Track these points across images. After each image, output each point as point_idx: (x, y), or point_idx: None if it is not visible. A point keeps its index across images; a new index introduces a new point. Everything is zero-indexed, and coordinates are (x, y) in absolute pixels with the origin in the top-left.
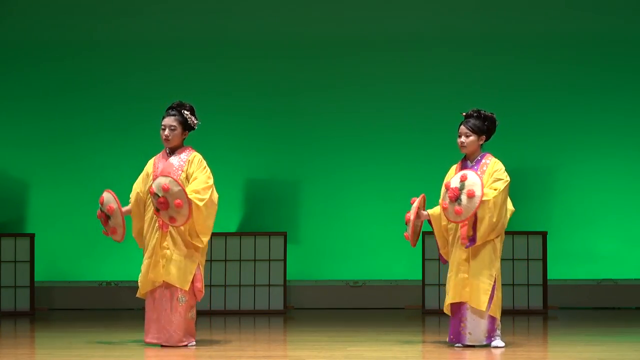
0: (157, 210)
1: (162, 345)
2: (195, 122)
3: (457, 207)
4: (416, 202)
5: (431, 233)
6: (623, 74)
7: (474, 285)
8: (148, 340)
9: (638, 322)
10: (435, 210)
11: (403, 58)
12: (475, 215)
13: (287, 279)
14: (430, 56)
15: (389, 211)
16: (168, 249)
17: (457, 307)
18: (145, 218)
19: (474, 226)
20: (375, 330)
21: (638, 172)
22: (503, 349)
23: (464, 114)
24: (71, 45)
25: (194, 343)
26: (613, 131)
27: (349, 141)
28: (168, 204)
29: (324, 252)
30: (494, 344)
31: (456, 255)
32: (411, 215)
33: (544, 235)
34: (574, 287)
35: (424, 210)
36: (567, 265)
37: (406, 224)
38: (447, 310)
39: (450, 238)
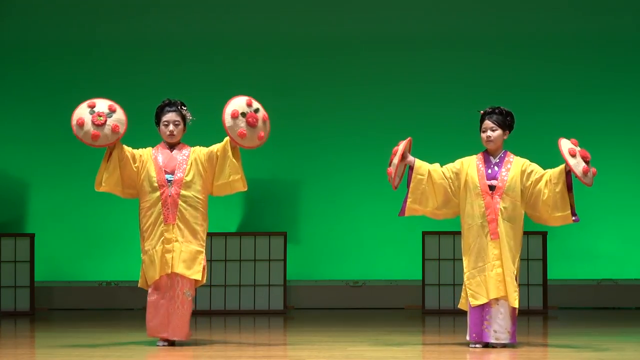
0: (245, 130)
1: (169, 341)
2: (190, 117)
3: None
4: (402, 145)
5: (431, 233)
6: (623, 73)
7: (507, 282)
8: (153, 335)
9: (638, 322)
10: (423, 165)
11: (404, 58)
12: (571, 191)
13: (287, 279)
14: (432, 56)
15: (389, 211)
16: (176, 240)
17: (482, 304)
18: (144, 206)
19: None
20: (375, 330)
21: (638, 172)
22: (503, 349)
23: (482, 111)
24: (71, 45)
25: (167, 344)
26: (613, 131)
27: (349, 141)
28: (257, 120)
29: (324, 252)
30: (512, 342)
31: (487, 251)
32: (395, 159)
33: (544, 235)
34: (574, 287)
35: (409, 153)
36: (567, 265)
37: (391, 161)
38: (464, 306)
39: (476, 230)
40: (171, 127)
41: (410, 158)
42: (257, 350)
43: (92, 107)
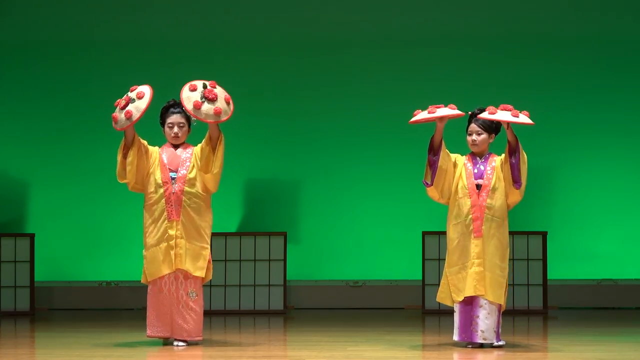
0: (200, 101)
1: (174, 340)
2: (194, 120)
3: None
4: (452, 113)
5: (431, 233)
6: (624, 74)
7: (490, 278)
8: (153, 334)
9: (638, 322)
10: (448, 158)
11: (404, 57)
12: (518, 161)
13: (287, 279)
14: (432, 56)
15: (389, 211)
16: (181, 237)
17: (469, 303)
18: (148, 203)
19: (516, 171)
20: (375, 330)
21: (638, 172)
22: (504, 349)
23: (471, 112)
24: (71, 45)
25: (185, 345)
26: (613, 131)
27: (349, 141)
28: (217, 97)
29: (324, 252)
30: (499, 343)
31: (469, 249)
32: (440, 113)
33: (544, 235)
34: (574, 287)
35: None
36: (567, 265)
37: (430, 111)
38: (450, 303)
39: (460, 228)
40: (176, 129)
41: (441, 135)
42: (257, 350)
43: (131, 90)
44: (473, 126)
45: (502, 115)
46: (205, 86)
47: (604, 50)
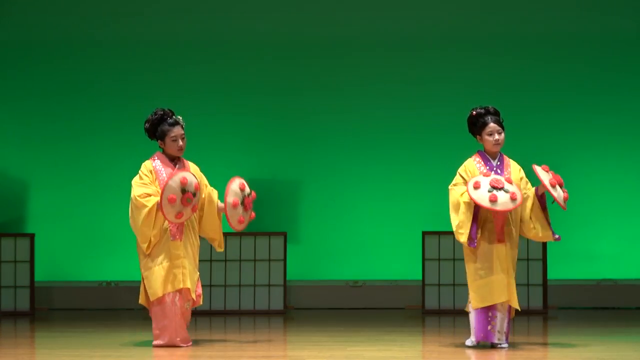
0: (240, 204)
1: (175, 347)
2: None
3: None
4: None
5: (431, 233)
6: (624, 73)
7: (511, 284)
8: (160, 343)
9: (638, 322)
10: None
11: (403, 58)
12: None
13: (287, 279)
14: (431, 56)
15: (389, 211)
16: (185, 257)
17: (488, 305)
18: (156, 224)
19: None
20: (375, 330)
21: (638, 172)
22: (504, 349)
23: (476, 112)
24: (71, 45)
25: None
26: (613, 131)
27: (350, 141)
28: (250, 208)
29: (324, 252)
30: (502, 345)
31: (492, 255)
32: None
33: None
34: (574, 287)
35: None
36: (567, 265)
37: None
38: (471, 308)
39: (482, 234)
40: (180, 142)
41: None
42: (257, 350)
43: (184, 184)
44: (493, 125)
45: (544, 177)
46: (249, 194)
47: (604, 50)
